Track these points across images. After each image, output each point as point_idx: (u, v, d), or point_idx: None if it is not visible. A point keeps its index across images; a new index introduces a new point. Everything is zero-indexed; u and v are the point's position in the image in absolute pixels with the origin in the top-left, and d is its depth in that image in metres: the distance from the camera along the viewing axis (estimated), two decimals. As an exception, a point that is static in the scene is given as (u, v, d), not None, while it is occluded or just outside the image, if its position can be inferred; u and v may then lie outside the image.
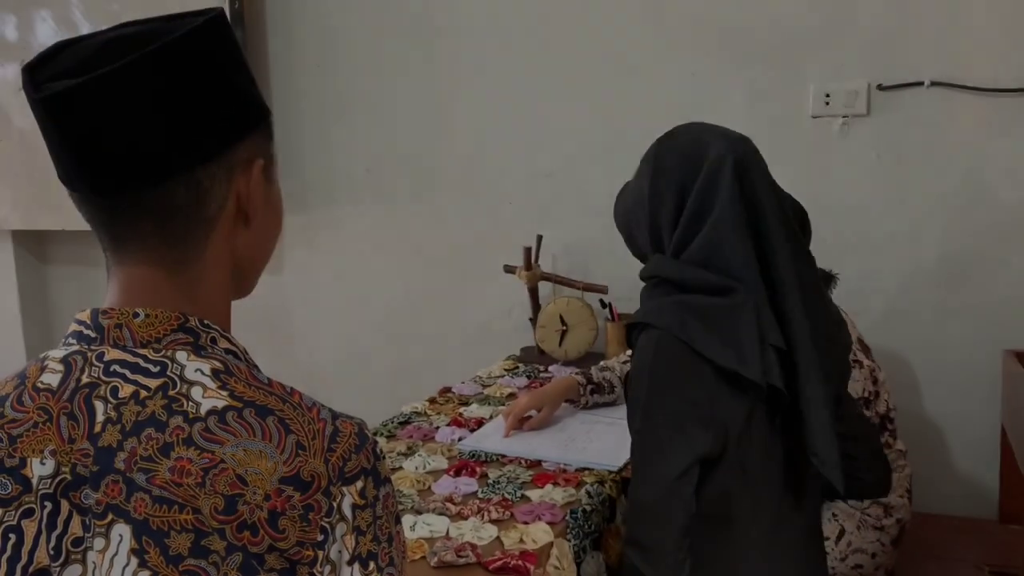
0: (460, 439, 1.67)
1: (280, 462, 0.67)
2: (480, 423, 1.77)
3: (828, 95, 2.06)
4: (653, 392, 1.19)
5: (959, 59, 1.96)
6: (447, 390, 2.03)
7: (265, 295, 2.81)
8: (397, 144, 2.55)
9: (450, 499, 1.40)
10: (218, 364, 0.71)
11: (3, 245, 3.09)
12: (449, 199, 2.52)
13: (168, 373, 0.69)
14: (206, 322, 0.73)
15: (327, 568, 0.68)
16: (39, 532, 0.68)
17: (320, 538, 0.67)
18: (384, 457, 0.72)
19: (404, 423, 1.80)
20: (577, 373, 1.85)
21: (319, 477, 0.67)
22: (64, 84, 0.67)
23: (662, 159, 1.30)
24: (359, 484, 0.69)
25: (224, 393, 0.69)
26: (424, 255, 2.57)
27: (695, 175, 1.25)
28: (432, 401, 1.96)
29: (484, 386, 2.06)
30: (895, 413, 1.78)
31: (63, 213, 2.87)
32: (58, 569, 0.67)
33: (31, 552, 0.67)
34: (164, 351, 0.70)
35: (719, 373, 1.16)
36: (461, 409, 1.88)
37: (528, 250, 2.28)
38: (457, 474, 1.50)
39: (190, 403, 0.68)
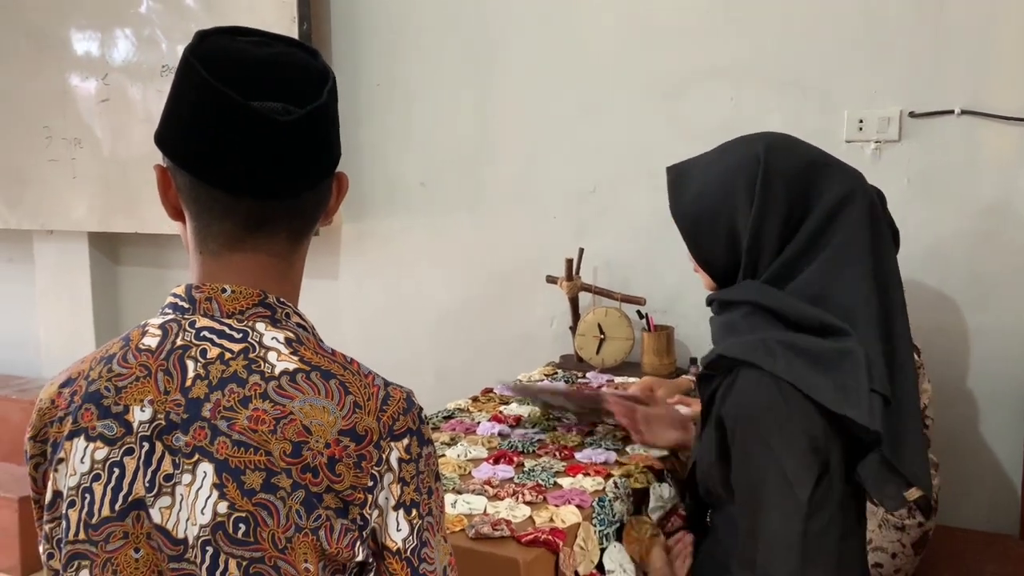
0: (499, 433, 1.79)
1: (339, 417, 0.77)
2: (519, 420, 1.88)
3: (861, 121, 2.14)
4: (766, 429, 1.15)
5: (989, 89, 2.02)
6: (488, 390, 2.15)
7: (321, 300, 2.99)
8: (450, 161, 2.69)
9: (488, 482, 1.51)
10: (291, 334, 0.82)
11: (80, 246, 3.30)
12: (497, 213, 2.65)
13: (249, 339, 0.80)
14: (282, 300, 0.84)
15: (375, 512, 0.77)
16: (137, 468, 0.78)
17: (370, 484, 0.77)
18: (428, 422, 0.83)
19: (448, 417, 1.92)
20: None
21: (371, 432, 0.77)
22: (279, 110, 0.78)
23: (775, 169, 1.20)
24: (405, 441, 0.79)
25: (295, 358, 0.79)
26: (472, 265, 2.70)
27: (815, 199, 1.19)
28: (474, 400, 2.08)
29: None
30: (931, 423, 1.85)
31: (135, 217, 3.09)
32: (151, 499, 0.78)
33: (131, 484, 0.78)
34: (246, 321, 0.81)
35: (824, 412, 1.14)
36: (501, 407, 1.99)
37: (570, 262, 2.39)
38: (496, 462, 1.62)
39: (266, 364, 0.79)
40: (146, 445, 0.78)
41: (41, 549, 0.86)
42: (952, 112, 2.06)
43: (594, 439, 1.74)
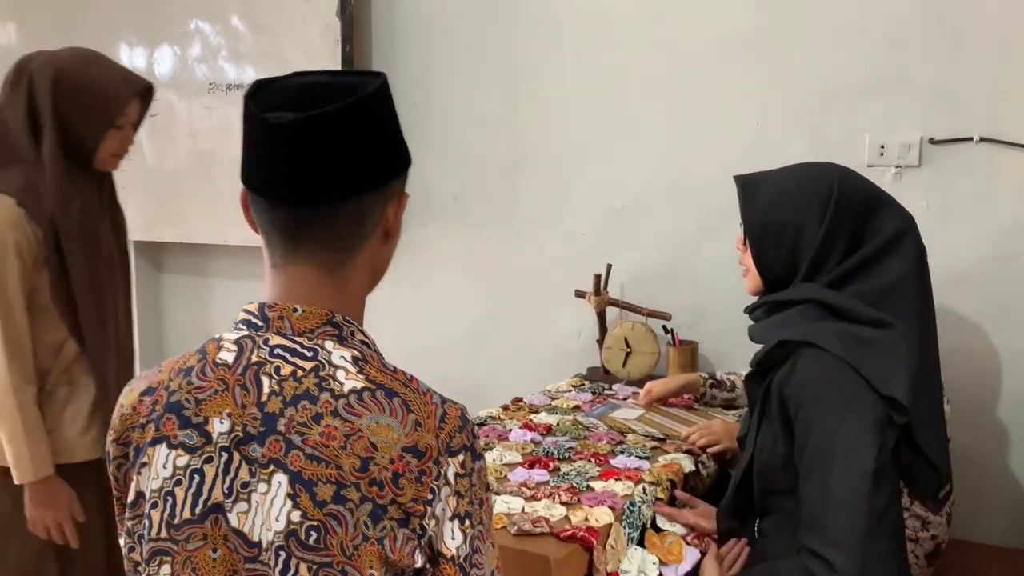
0: (532, 440, 1.88)
1: (403, 435, 0.82)
2: (549, 429, 1.97)
3: (883, 146, 2.22)
4: (831, 401, 1.26)
5: (1006, 117, 2.10)
6: (519, 399, 2.24)
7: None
8: (483, 177, 2.80)
9: (524, 484, 1.60)
10: (356, 352, 0.87)
11: (125, 254, 3.43)
12: (528, 229, 2.74)
13: (319, 358, 0.85)
14: (347, 318, 0.89)
15: (432, 522, 0.82)
16: (216, 475, 0.84)
17: (429, 497, 0.82)
18: (479, 437, 0.89)
19: (480, 425, 2.01)
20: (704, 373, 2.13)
21: (431, 449, 0.83)
22: (291, 116, 0.82)
23: (846, 197, 1.35)
24: (461, 457, 0.84)
25: (361, 377, 0.85)
26: (503, 279, 2.79)
27: (875, 227, 1.36)
28: (505, 408, 2.17)
29: (552, 398, 2.26)
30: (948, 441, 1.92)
31: (180, 227, 3.21)
32: (229, 504, 0.83)
33: (210, 490, 0.84)
34: (315, 339, 0.86)
35: (875, 392, 1.26)
36: (531, 416, 2.09)
37: (598, 277, 2.48)
38: (531, 467, 1.71)
39: (336, 383, 0.84)
40: (225, 455, 0.84)
41: (122, 542, 0.92)
42: (971, 139, 2.13)
43: (625, 447, 1.83)
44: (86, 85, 1.69)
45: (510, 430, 1.96)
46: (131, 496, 0.89)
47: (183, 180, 3.18)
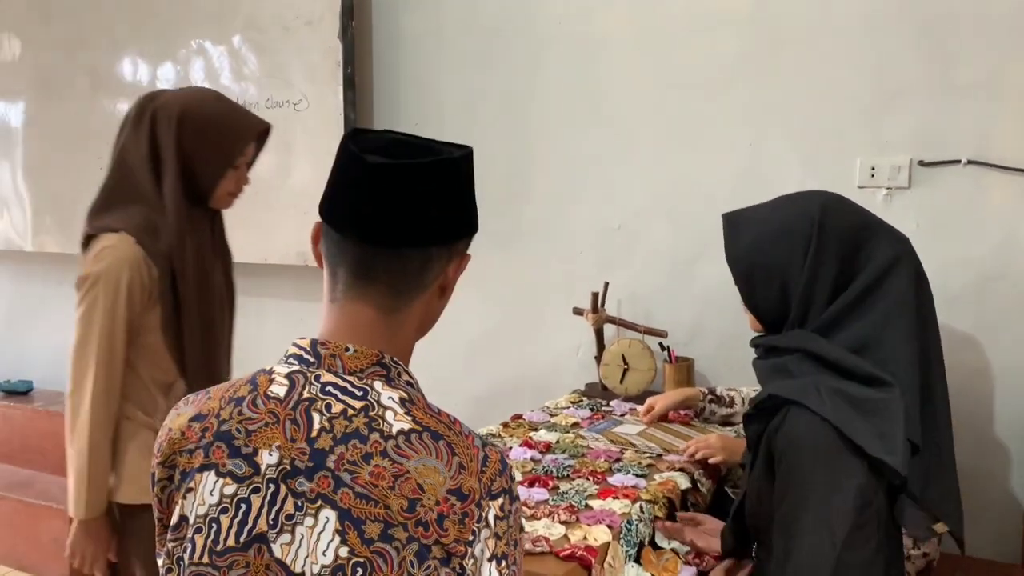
0: (532, 458, 1.93)
1: (448, 477, 0.85)
2: (548, 446, 2.02)
3: (874, 168, 2.28)
4: (812, 464, 1.24)
5: (993, 141, 2.15)
6: (518, 416, 2.29)
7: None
8: (483, 198, 2.79)
9: (524, 504, 1.65)
10: (404, 394, 0.90)
11: (129, 271, 3.47)
12: (528, 247, 2.80)
13: (368, 398, 0.89)
14: (395, 359, 0.92)
15: (471, 562, 0.85)
16: (262, 506, 0.87)
17: (470, 538, 0.85)
18: (516, 480, 0.93)
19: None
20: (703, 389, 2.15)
21: (474, 492, 0.86)
22: (388, 161, 0.89)
23: (830, 231, 1.30)
24: (500, 500, 0.87)
25: (408, 418, 0.88)
26: (503, 296, 2.84)
27: (864, 260, 1.30)
28: (505, 425, 2.21)
29: (552, 415, 2.31)
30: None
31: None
32: (273, 535, 0.86)
33: (255, 519, 0.87)
34: (365, 379, 0.90)
35: (863, 456, 1.22)
36: (531, 433, 2.13)
37: (596, 295, 2.53)
38: (531, 485, 1.75)
39: (385, 423, 0.87)
40: (272, 486, 0.87)
41: (160, 562, 0.96)
42: (959, 162, 2.19)
43: (622, 464, 1.88)
44: (210, 126, 1.70)
45: (511, 448, 2.00)
46: (174, 519, 0.92)
47: (187, 198, 3.22)
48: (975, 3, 2.14)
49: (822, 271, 1.31)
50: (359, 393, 0.89)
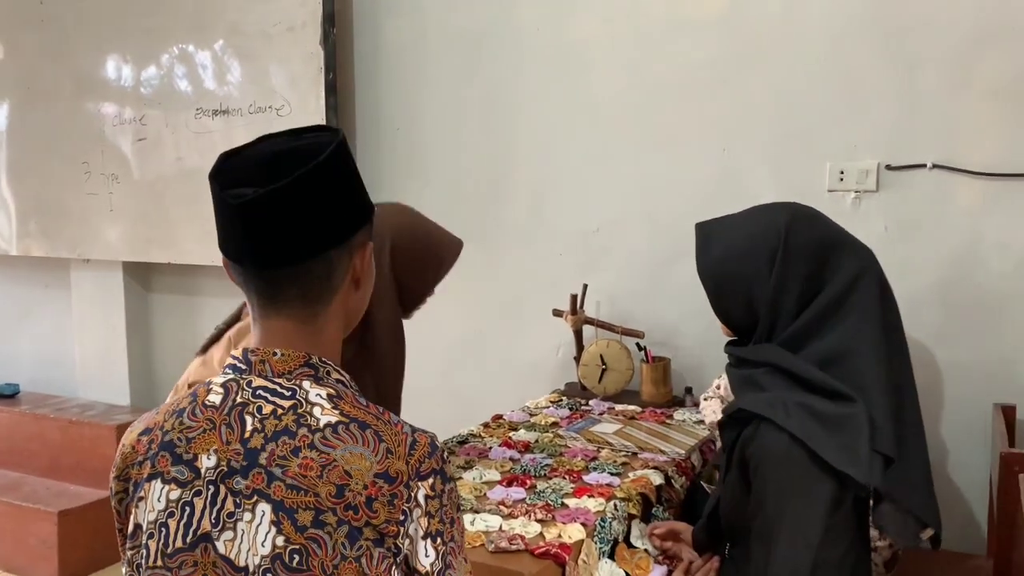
0: (511, 458, 1.98)
1: (375, 462, 0.90)
2: (527, 446, 2.07)
3: (843, 172, 2.34)
4: (783, 477, 1.29)
5: (958, 146, 2.21)
6: (499, 417, 2.34)
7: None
8: (465, 202, 2.89)
9: (502, 503, 1.70)
10: (332, 390, 0.95)
11: (115, 274, 3.51)
12: (508, 249, 2.85)
13: (297, 396, 0.93)
14: (323, 359, 0.97)
15: (407, 541, 0.90)
16: (205, 507, 0.92)
17: (401, 518, 0.89)
18: (449, 462, 0.97)
19: (462, 443, 2.11)
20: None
21: (402, 474, 0.90)
22: (249, 193, 0.90)
23: (796, 244, 1.32)
24: (430, 480, 0.91)
25: (336, 412, 0.92)
26: (484, 298, 2.89)
27: (830, 273, 1.32)
28: (486, 426, 2.26)
29: (531, 415, 2.36)
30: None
31: (168, 248, 3.30)
32: (216, 533, 0.91)
33: (199, 520, 0.92)
34: (294, 380, 0.95)
35: (830, 469, 1.26)
36: (511, 433, 2.18)
37: (574, 297, 2.59)
38: (509, 485, 1.80)
39: (312, 418, 0.92)
40: (212, 488, 0.92)
41: (125, 571, 1.01)
42: (925, 166, 2.25)
43: (598, 463, 1.93)
44: (419, 259, 1.87)
45: (490, 448, 2.05)
46: (131, 528, 0.97)
47: (170, 203, 3.26)
48: (938, 12, 2.20)
49: (788, 284, 1.33)
50: (288, 393, 0.94)
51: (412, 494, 0.90)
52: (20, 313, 3.95)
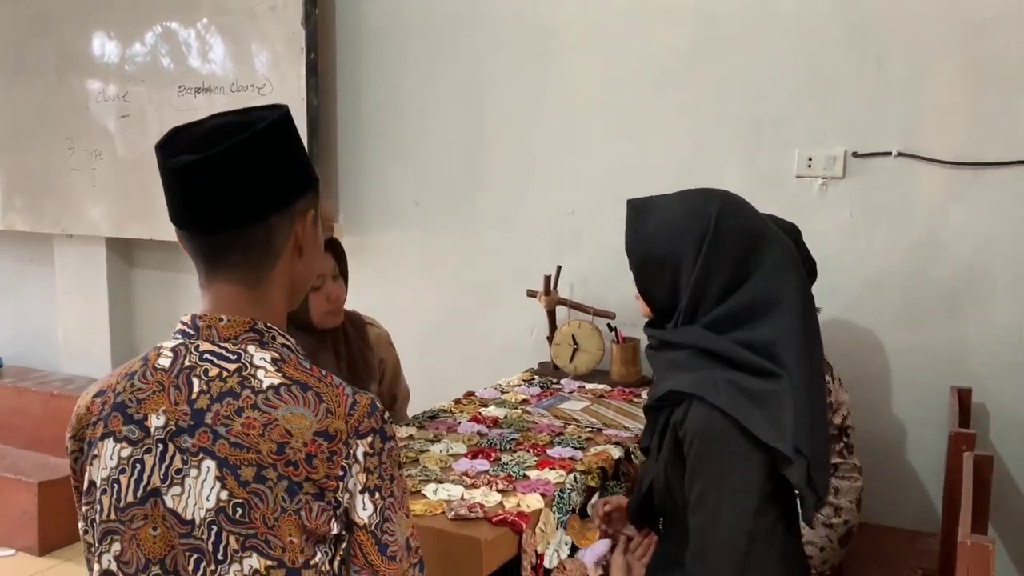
0: (479, 432, 2.03)
1: (315, 421, 0.94)
2: (496, 421, 2.12)
3: (810, 159, 2.39)
4: (716, 451, 1.32)
5: (922, 134, 2.27)
6: (471, 394, 2.39)
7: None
8: (442, 183, 2.94)
9: (466, 474, 1.75)
10: (276, 354, 0.99)
11: (97, 250, 3.54)
12: (483, 232, 2.89)
13: (242, 360, 0.98)
14: (269, 324, 1.01)
15: (346, 495, 0.95)
16: (154, 464, 0.97)
17: (340, 473, 0.94)
18: (390, 422, 1.01)
19: (432, 417, 2.15)
20: None
21: (340, 432, 0.95)
22: (187, 159, 0.95)
23: (725, 230, 1.33)
24: (369, 439, 0.96)
25: (279, 375, 0.97)
26: (460, 278, 2.94)
27: (755, 263, 1.34)
28: (457, 402, 2.31)
29: (503, 392, 2.41)
30: (852, 431, 2.09)
31: (150, 224, 3.33)
32: (165, 488, 0.96)
33: (149, 476, 0.97)
34: (239, 344, 0.99)
35: (758, 444, 1.30)
36: (481, 409, 2.23)
37: (548, 278, 2.64)
38: (474, 457, 1.85)
39: (256, 380, 0.96)
40: (161, 446, 0.97)
41: (80, 526, 1.06)
42: (890, 153, 2.31)
43: (563, 438, 1.99)
44: None
45: (459, 422, 2.10)
46: (85, 484, 1.02)
47: (153, 180, 3.23)
48: (904, 4, 2.25)
49: (714, 268, 1.34)
50: (233, 357, 0.98)
51: (351, 451, 0.95)
52: (4, 287, 3.98)
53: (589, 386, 2.47)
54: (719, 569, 1.34)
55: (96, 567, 1.01)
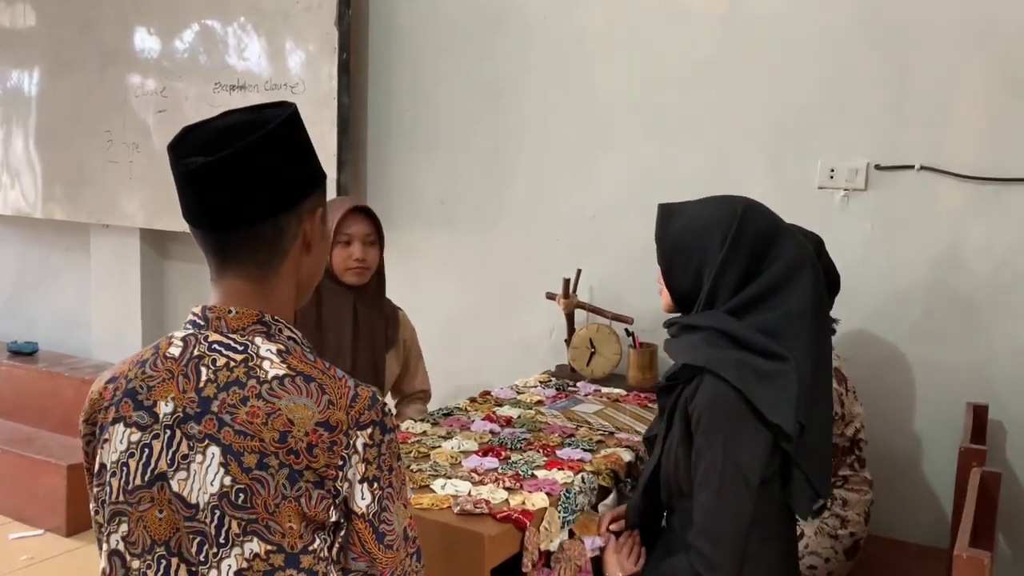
0: (491, 431, 2.06)
1: (316, 412, 0.98)
2: (509, 421, 2.15)
3: (833, 170, 2.39)
4: (725, 424, 1.41)
5: (945, 148, 2.26)
6: (487, 393, 2.42)
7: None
8: (467, 184, 2.98)
9: (475, 471, 1.79)
10: (281, 346, 1.03)
11: (132, 240, 3.63)
12: (506, 233, 2.93)
13: (248, 351, 1.02)
14: (276, 318, 1.05)
15: (345, 484, 0.98)
16: (162, 449, 1.01)
17: (340, 463, 0.98)
18: (390, 414, 1.05)
19: (447, 415, 2.19)
20: None
21: (342, 423, 0.98)
22: (198, 161, 0.99)
23: (746, 228, 1.47)
24: (369, 430, 1.00)
25: (284, 366, 1.01)
26: (481, 279, 2.98)
27: (772, 259, 1.46)
28: (472, 400, 2.35)
29: (519, 393, 2.44)
30: (865, 445, 2.09)
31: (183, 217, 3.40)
32: (171, 473, 1.00)
33: (156, 461, 1.01)
34: (247, 336, 1.03)
35: (763, 421, 1.40)
36: (495, 408, 2.27)
37: (567, 281, 2.66)
38: (484, 455, 1.89)
39: (261, 371, 1.00)
40: (168, 432, 1.01)
41: (91, 507, 1.10)
42: (913, 167, 2.30)
43: (574, 439, 2.01)
44: None
45: (473, 421, 2.13)
46: (96, 467, 1.07)
47: (188, 173, 3.36)
48: (930, 16, 2.24)
49: (734, 261, 1.47)
50: (240, 348, 1.02)
51: (351, 442, 0.99)
52: (42, 275, 4.10)
53: (605, 390, 2.49)
54: (723, 544, 1.42)
55: (105, 547, 1.06)
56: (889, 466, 2.32)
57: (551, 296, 2.71)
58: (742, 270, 1.48)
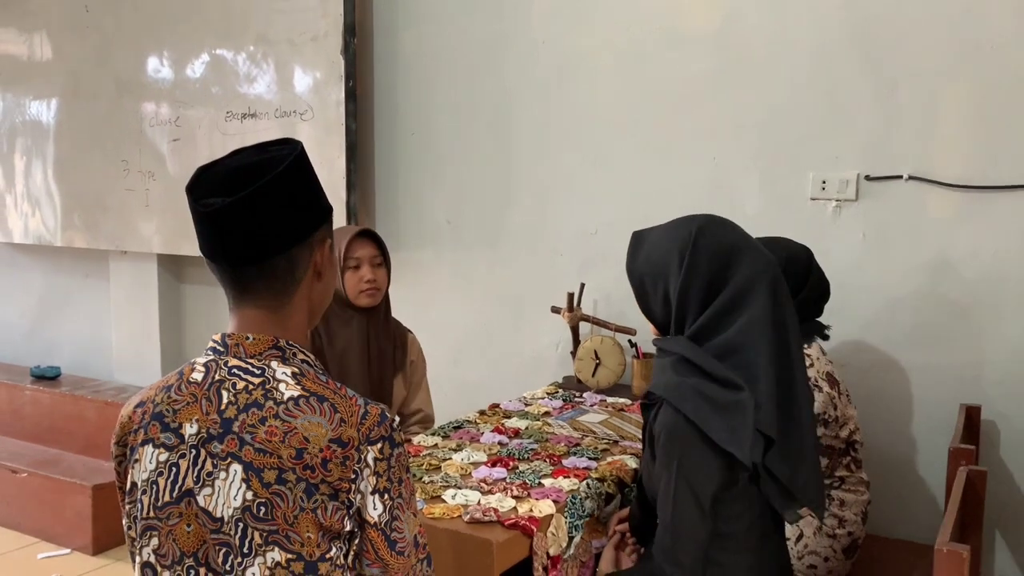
0: (499, 442, 2.14)
1: (330, 430, 1.05)
2: (517, 432, 2.23)
3: (824, 182, 2.47)
4: (678, 451, 1.46)
5: (932, 158, 2.33)
6: (496, 405, 2.51)
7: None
8: (473, 203, 3.07)
9: (484, 481, 1.87)
10: (296, 369, 1.10)
11: (149, 266, 3.73)
12: (512, 250, 3.02)
13: (265, 374, 1.09)
14: (290, 342, 1.12)
15: (358, 496, 1.06)
16: (188, 467, 1.08)
17: (353, 476, 1.05)
18: (398, 430, 1.12)
19: (457, 428, 2.27)
20: None
21: (353, 439, 1.06)
22: (216, 203, 1.05)
23: (702, 246, 1.47)
24: (379, 445, 1.07)
25: (299, 387, 1.08)
26: (489, 294, 3.07)
27: (731, 275, 1.46)
28: (482, 413, 2.43)
29: (527, 405, 2.52)
30: (860, 446, 2.16)
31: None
32: (198, 489, 1.07)
33: (183, 478, 1.08)
34: (264, 360, 1.10)
35: (716, 448, 1.44)
36: (504, 420, 2.35)
37: (571, 295, 2.74)
38: (493, 466, 1.97)
39: (278, 392, 1.07)
40: (194, 451, 1.08)
41: (124, 523, 1.18)
42: (901, 177, 2.37)
43: (580, 448, 2.09)
44: None
45: (482, 433, 2.21)
46: (128, 486, 1.15)
47: (202, 199, 3.46)
48: (917, 31, 2.32)
49: (694, 281, 1.48)
50: (258, 372, 1.10)
51: (362, 456, 1.07)
52: (63, 301, 4.21)
53: (610, 400, 2.57)
54: (681, 562, 1.48)
55: (138, 559, 1.14)
56: (886, 467, 2.39)
57: (556, 310, 2.79)
58: (703, 292, 1.48)
